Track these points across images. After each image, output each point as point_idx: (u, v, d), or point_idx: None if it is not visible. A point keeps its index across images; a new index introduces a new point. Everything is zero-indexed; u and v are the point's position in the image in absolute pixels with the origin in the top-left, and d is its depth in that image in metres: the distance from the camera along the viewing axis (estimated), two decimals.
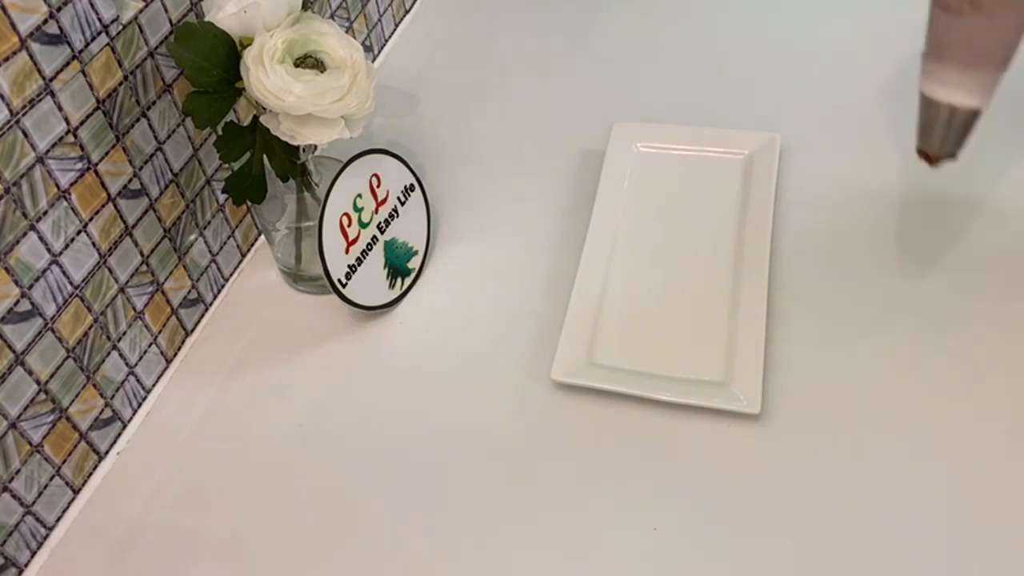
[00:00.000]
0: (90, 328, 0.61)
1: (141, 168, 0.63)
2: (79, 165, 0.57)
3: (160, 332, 0.68)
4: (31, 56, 0.52)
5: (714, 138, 0.78)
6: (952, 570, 0.52)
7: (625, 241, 0.72)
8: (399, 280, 0.71)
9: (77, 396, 0.60)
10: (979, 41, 0.46)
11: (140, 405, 0.67)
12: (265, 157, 0.65)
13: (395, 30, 0.98)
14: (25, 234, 0.54)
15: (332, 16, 0.85)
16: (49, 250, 0.56)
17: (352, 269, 0.67)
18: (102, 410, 0.63)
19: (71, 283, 0.58)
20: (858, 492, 0.56)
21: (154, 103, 0.63)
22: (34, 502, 0.58)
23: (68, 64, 0.55)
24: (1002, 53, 0.47)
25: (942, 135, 0.49)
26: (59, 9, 0.54)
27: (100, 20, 0.57)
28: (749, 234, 0.70)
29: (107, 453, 0.64)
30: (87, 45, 0.56)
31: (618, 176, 0.76)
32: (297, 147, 0.65)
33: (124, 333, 0.64)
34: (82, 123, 0.57)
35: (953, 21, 0.46)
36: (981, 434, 0.58)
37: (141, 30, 0.61)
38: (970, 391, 0.60)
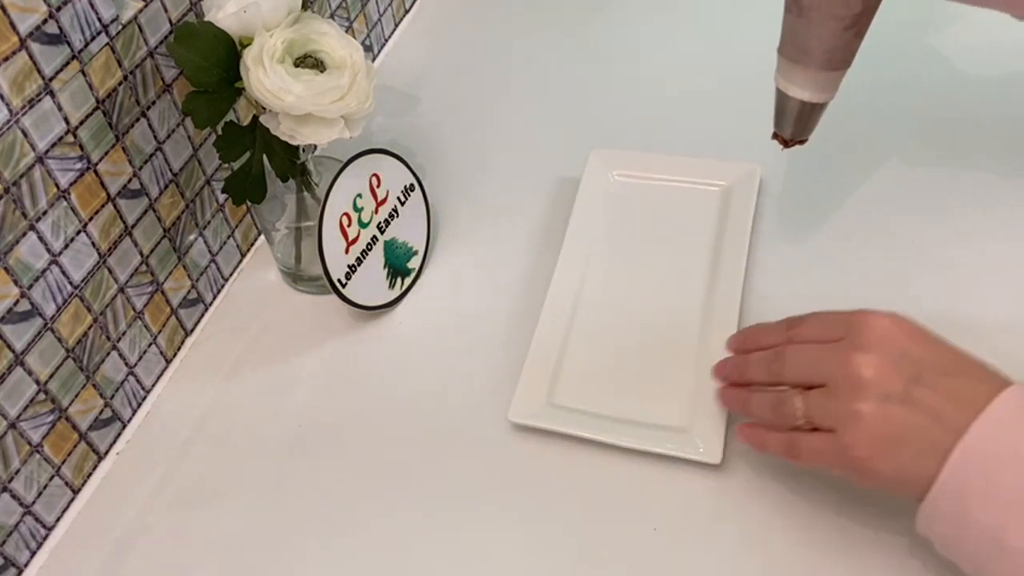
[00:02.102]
0: (90, 328, 0.61)
1: (141, 168, 0.63)
2: (79, 165, 0.57)
3: (160, 332, 0.68)
4: (31, 56, 0.52)
5: (692, 168, 0.74)
6: None
7: (594, 276, 0.69)
8: (399, 280, 0.71)
9: (77, 396, 0.60)
10: (816, 41, 0.49)
11: (140, 405, 0.67)
12: (265, 157, 0.65)
13: (395, 30, 0.98)
14: (25, 234, 0.54)
15: (332, 16, 0.85)
16: (49, 250, 0.56)
17: (352, 269, 0.67)
18: (102, 410, 0.63)
19: (71, 283, 0.58)
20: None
21: (154, 103, 0.63)
22: (34, 502, 0.58)
23: (68, 64, 0.55)
24: (837, 56, 0.50)
25: (793, 123, 0.54)
26: (59, 9, 0.54)
27: (100, 20, 0.57)
28: (722, 272, 0.67)
29: (107, 453, 0.64)
30: (87, 45, 0.56)
31: (591, 206, 0.73)
32: (297, 147, 0.65)
33: (124, 333, 0.64)
34: (82, 123, 0.57)
35: (791, 20, 0.50)
36: None
37: (141, 30, 0.61)
38: None
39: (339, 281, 0.66)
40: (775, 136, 0.56)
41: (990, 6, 0.52)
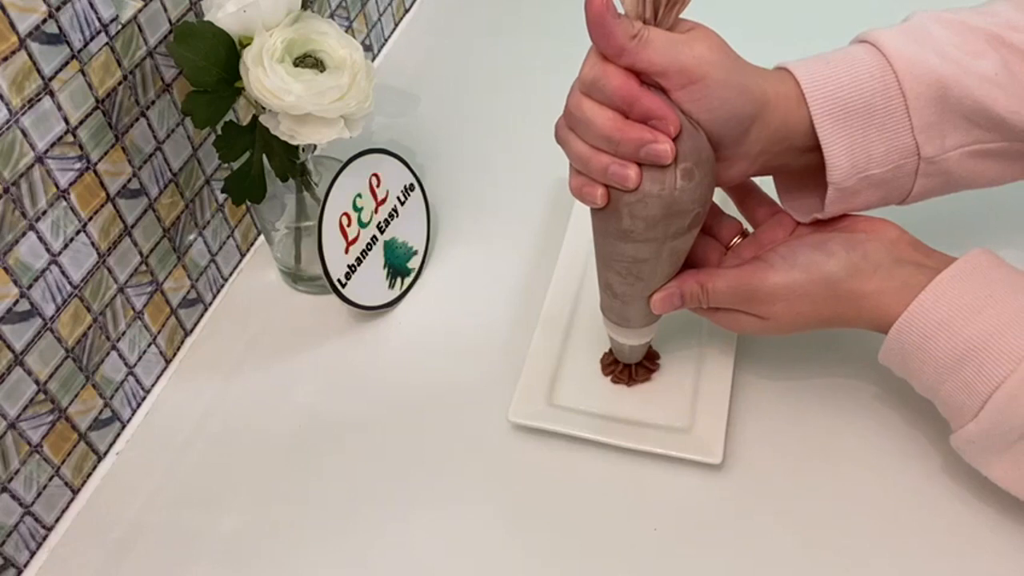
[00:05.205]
0: (89, 328, 0.61)
1: (140, 168, 0.63)
2: (78, 165, 0.57)
3: (159, 332, 0.68)
4: (30, 55, 0.52)
5: None
6: None
7: (594, 275, 0.66)
8: (399, 280, 0.71)
9: (76, 396, 0.60)
10: (632, 314, 0.57)
11: (139, 405, 0.67)
12: (265, 157, 0.65)
13: (395, 30, 0.98)
14: (24, 234, 0.54)
15: (332, 16, 0.85)
16: (48, 250, 0.56)
17: (352, 269, 0.67)
18: (101, 410, 0.63)
19: (70, 283, 0.58)
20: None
21: (153, 103, 0.63)
22: (33, 502, 0.58)
23: (67, 64, 0.55)
24: (652, 317, 0.58)
25: (628, 355, 0.62)
26: (58, 8, 0.53)
27: (99, 19, 0.57)
28: None
29: (106, 453, 0.64)
30: (86, 45, 0.56)
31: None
32: (297, 147, 0.65)
33: (123, 333, 0.64)
34: (81, 123, 0.57)
35: (608, 299, 0.58)
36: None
37: (140, 29, 0.61)
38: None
39: (339, 281, 0.66)
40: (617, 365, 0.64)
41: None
